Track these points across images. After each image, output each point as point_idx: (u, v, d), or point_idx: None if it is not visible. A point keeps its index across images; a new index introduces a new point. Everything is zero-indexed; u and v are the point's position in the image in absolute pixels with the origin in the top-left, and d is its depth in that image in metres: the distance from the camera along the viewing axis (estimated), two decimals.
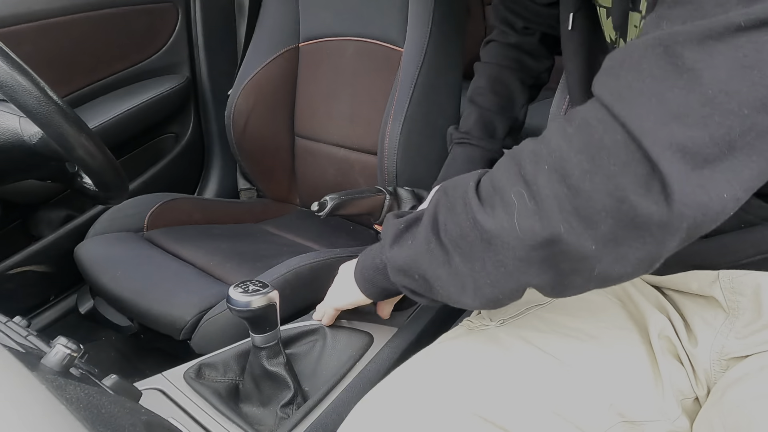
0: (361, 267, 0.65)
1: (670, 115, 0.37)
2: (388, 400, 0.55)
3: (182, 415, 0.65)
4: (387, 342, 0.76)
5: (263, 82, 1.26)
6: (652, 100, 0.37)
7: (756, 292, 0.55)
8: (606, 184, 0.39)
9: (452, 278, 0.49)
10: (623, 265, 0.41)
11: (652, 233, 0.39)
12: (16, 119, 0.78)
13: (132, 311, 0.97)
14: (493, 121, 0.87)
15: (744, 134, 0.36)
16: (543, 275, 0.45)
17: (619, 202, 0.38)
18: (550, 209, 0.41)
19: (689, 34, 0.36)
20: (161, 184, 1.37)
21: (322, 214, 0.90)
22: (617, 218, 0.39)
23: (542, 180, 0.41)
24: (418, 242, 0.52)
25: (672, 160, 0.37)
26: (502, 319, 0.63)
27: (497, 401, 0.53)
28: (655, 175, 0.37)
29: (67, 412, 0.28)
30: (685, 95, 0.36)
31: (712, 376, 0.58)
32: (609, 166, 0.38)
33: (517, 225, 0.43)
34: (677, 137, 0.36)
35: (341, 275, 0.72)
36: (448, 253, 0.49)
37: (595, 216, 0.39)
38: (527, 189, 0.42)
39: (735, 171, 0.37)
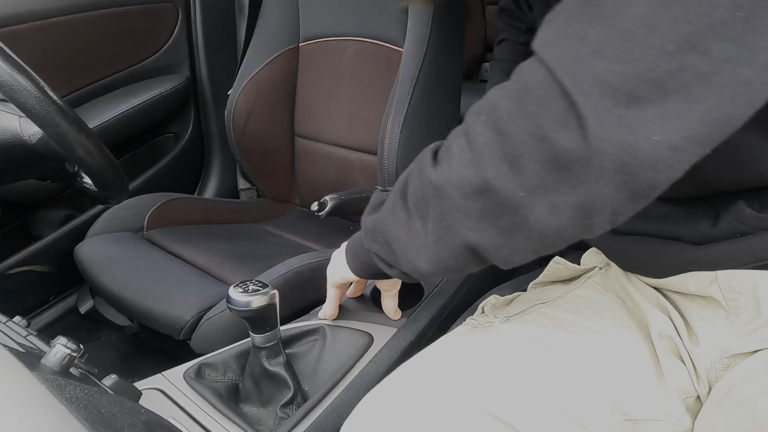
0: (351, 242, 0.67)
1: (590, 52, 0.36)
2: (394, 397, 0.55)
3: (182, 415, 0.65)
4: (387, 342, 0.76)
5: (263, 82, 1.26)
6: (574, 40, 0.37)
7: (754, 291, 0.55)
8: (527, 124, 0.39)
9: (410, 240, 0.50)
10: (557, 215, 0.40)
11: (576, 173, 0.38)
12: (16, 119, 0.78)
13: (132, 311, 0.97)
14: None
15: (674, 75, 0.35)
16: (484, 232, 0.44)
17: (540, 141, 0.38)
18: (482, 155, 0.41)
19: None
20: (161, 184, 1.37)
21: (322, 214, 0.90)
22: (539, 159, 0.39)
23: (478, 129, 0.42)
24: (386, 206, 0.53)
25: (589, 94, 0.36)
26: (507, 317, 0.63)
27: (503, 397, 0.53)
28: (572, 109, 0.36)
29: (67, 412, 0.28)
30: (605, 32, 0.36)
31: (713, 375, 0.58)
32: (530, 105, 0.38)
33: (454, 173, 0.43)
34: (596, 70, 0.36)
35: (338, 251, 0.72)
36: (411, 215, 0.50)
37: (519, 159, 0.39)
38: (466, 139, 0.43)
39: (669, 115, 0.35)
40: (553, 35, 0.39)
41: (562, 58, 0.37)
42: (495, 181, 0.41)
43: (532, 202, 0.40)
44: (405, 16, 1.09)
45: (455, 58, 1.11)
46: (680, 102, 0.35)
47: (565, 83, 0.36)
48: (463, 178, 0.43)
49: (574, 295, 0.66)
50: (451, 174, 0.44)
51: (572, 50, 0.37)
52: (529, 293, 0.70)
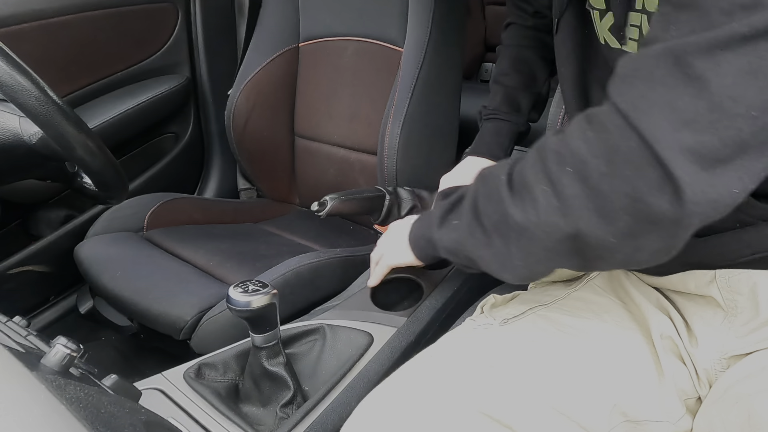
0: (414, 237, 0.70)
1: (681, 122, 0.39)
2: (394, 398, 0.55)
3: (182, 415, 0.65)
4: (387, 342, 0.76)
5: (263, 82, 1.26)
6: (664, 109, 0.40)
7: (753, 291, 0.55)
8: (622, 186, 0.42)
9: (494, 258, 0.54)
10: (641, 253, 0.46)
11: (666, 228, 0.42)
12: (16, 119, 0.78)
13: (132, 311, 0.97)
14: (517, 97, 0.92)
15: (756, 134, 0.39)
16: (570, 261, 0.50)
17: (635, 201, 0.42)
18: (573, 207, 0.45)
19: (697, 45, 0.39)
20: (161, 184, 1.37)
21: (322, 214, 0.90)
22: (633, 216, 0.43)
23: (565, 180, 0.45)
24: (462, 227, 0.57)
25: (683, 165, 0.39)
26: (506, 319, 0.63)
27: (502, 399, 0.53)
28: (668, 178, 0.40)
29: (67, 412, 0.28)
30: (694, 102, 0.39)
31: (713, 376, 0.58)
32: (624, 169, 0.42)
33: (543, 221, 0.47)
34: (688, 142, 0.39)
35: (395, 235, 0.76)
36: (490, 236, 0.54)
37: (612, 214, 0.43)
38: (552, 187, 0.46)
39: (747, 167, 0.40)
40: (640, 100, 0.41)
41: (656, 129, 0.40)
42: (587, 230, 0.45)
43: (621, 245, 0.45)
44: (405, 16, 1.09)
45: (455, 58, 1.11)
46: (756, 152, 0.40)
47: (661, 155, 0.40)
48: (553, 225, 0.47)
49: (574, 297, 0.66)
50: (539, 220, 0.47)
51: (664, 120, 0.40)
52: (529, 293, 0.70)
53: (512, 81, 0.92)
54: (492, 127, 0.92)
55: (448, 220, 0.60)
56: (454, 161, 1.16)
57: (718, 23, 0.38)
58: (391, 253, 0.76)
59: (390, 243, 0.78)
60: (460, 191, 0.61)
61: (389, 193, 0.95)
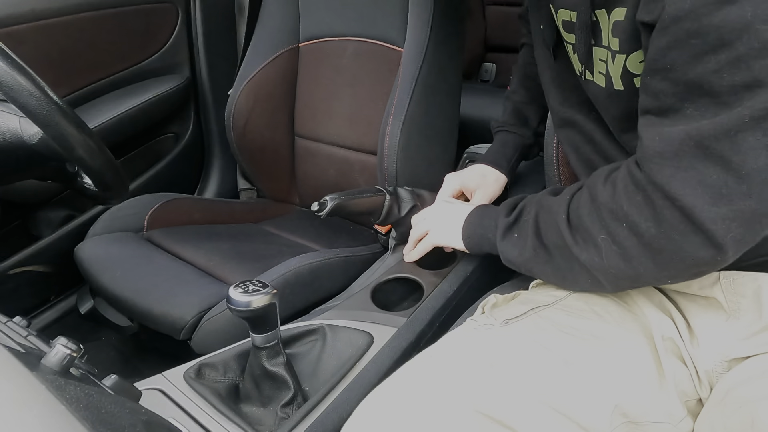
0: (470, 233, 0.77)
1: (715, 197, 0.46)
2: (394, 398, 0.55)
3: (182, 415, 0.65)
4: (387, 342, 0.76)
5: (263, 82, 1.26)
6: (697, 188, 0.46)
7: (756, 294, 0.55)
8: (671, 245, 0.50)
9: (554, 272, 0.63)
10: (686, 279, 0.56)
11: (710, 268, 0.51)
12: (16, 119, 0.78)
13: (132, 311, 0.97)
14: (524, 111, 0.98)
15: None
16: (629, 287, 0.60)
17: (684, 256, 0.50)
18: (632, 255, 0.53)
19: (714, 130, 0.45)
20: (161, 184, 1.37)
21: (322, 214, 0.90)
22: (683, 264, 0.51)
23: (622, 234, 0.53)
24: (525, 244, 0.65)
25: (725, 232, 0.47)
26: (507, 319, 0.63)
27: (502, 400, 0.53)
28: (711, 241, 0.47)
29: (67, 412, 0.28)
30: (722, 178, 0.45)
31: (714, 377, 0.58)
32: (672, 234, 0.49)
33: (606, 263, 0.55)
34: (725, 213, 0.46)
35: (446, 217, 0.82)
36: (551, 254, 0.62)
37: (666, 263, 0.51)
38: (611, 237, 0.54)
39: None
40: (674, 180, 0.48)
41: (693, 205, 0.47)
42: (645, 273, 0.54)
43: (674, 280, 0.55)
44: (405, 16, 1.09)
45: (455, 58, 1.11)
46: None
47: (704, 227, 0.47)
48: (615, 267, 0.55)
49: (575, 297, 0.66)
50: (603, 263, 0.56)
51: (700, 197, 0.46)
52: (530, 293, 0.70)
53: (520, 96, 0.98)
54: (500, 138, 0.98)
55: (510, 232, 0.68)
56: (454, 161, 1.17)
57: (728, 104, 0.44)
58: (441, 234, 0.82)
59: (440, 223, 0.83)
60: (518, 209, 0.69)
61: (389, 193, 0.95)
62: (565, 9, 0.62)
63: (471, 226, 0.78)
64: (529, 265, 0.66)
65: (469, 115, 1.27)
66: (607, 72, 0.60)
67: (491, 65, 2.15)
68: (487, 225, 0.74)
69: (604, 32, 0.57)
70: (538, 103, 0.97)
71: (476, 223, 0.77)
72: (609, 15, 0.56)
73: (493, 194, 0.95)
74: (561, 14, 0.63)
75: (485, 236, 0.74)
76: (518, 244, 0.67)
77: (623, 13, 0.54)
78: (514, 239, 0.68)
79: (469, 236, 0.78)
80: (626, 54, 0.56)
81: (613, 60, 0.58)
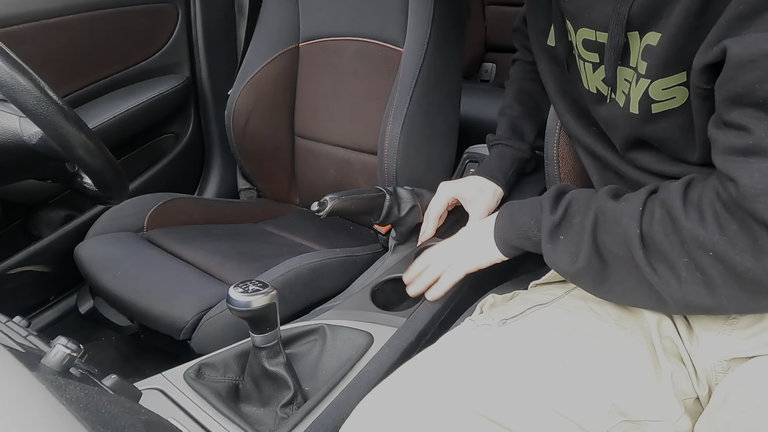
0: (505, 235, 0.71)
1: None
2: (391, 399, 0.55)
3: (182, 415, 0.65)
4: (387, 342, 0.76)
5: (263, 82, 1.26)
6: None
7: None
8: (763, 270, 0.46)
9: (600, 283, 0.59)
10: None
11: None
12: (16, 119, 0.78)
13: (132, 311, 0.97)
14: (520, 125, 0.96)
15: None
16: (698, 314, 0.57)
17: None
18: (716, 284, 0.50)
19: None
20: (161, 184, 1.37)
21: (322, 214, 0.90)
22: None
23: (707, 262, 0.50)
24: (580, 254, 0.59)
25: None
26: (504, 319, 0.63)
27: (500, 400, 0.53)
28: None
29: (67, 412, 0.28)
30: None
31: (713, 377, 0.58)
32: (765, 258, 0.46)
33: (683, 288, 0.52)
34: None
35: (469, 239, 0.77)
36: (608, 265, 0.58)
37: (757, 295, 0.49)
38: (694, 263, 0.51)
39: None
40: None
41: None
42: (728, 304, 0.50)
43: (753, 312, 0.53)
44: (405, 16, 1.09)
45: (455, 58, 1.11)
46: None
47: None
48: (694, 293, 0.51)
49: (573, 296, 0.66)
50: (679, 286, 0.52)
51: None
52: (528, 293, 0.70)
53: (515, 111, 0.97)
54: (496, 152, 0.97)
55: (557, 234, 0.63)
56: (454, 161, 1.17)
57: None
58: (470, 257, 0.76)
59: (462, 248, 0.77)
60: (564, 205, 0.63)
61: (389, 193, 0.96)
62: (589, 29, 0.61)
63: (505, 228, 0.71)
64: (580, 275, 0.60)
65: (469, 115, 1.27)
66: (629, 93, 0.59)
67: (491, 65, 2.16)
68: (525, 222, 0.67)
69: (633, 54, 0.57)
70: (533, 118, 0.96)
71: (510, 223, 0.70)
72: (641, 38, 0.55)
73: (489, 207, 0.93)
74: (582, 33, 0.62)
75: (526, 235, 0.67)
76: (569, 250, 0.61)
77: (657, 39, 0.53)
78: (561, 243, 0.62)
79: (504, 240, 0.71)
80: (651, 79, 0.55)
81: (636, 83, 0.57)
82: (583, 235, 0.59)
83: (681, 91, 0.55)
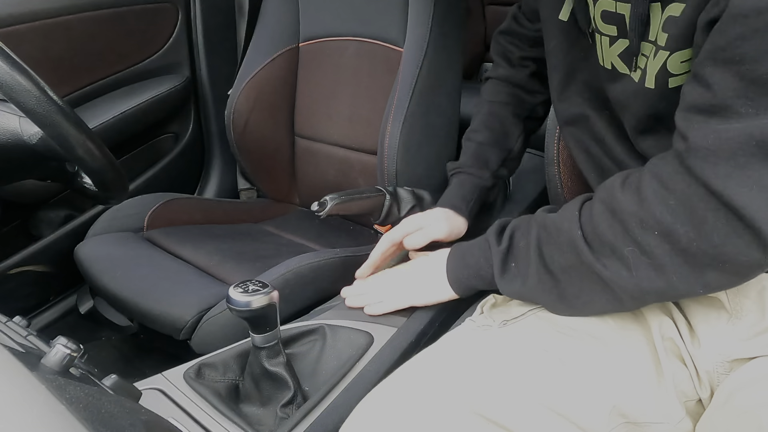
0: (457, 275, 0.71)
1: None
2: (391, 399, 0.55)
3: (182, 415, 0.65)
4: (387, 342, 0.76)
5: (263, 82, 1.26)
6: (753, 188, 0.44)
7: (761, 294, 0.55)
8: (712, 249, 0.47)
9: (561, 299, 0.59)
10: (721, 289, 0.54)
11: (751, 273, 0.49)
12: (16, 119, 0.78)
13: (132, 311, 0.97)
14: (485, 153, 0.91)
15: None
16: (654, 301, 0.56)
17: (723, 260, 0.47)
18: (663, 263, 0.50)
19: None
20: (161, 184, 1.37)
21: (322, 214, 0.90)
22: (722, 270, 0.48)
23: (653, 241, 0.50)
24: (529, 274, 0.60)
25: None
26: (505, 321, 0.63)
27: (500, 401, 0.53)
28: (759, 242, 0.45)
29: (67, 412, 0.28)
30: None
31: (715, 378, 0.58)
32: (713, 236, 0.47)
33: (635, 275, 0.52)
34: None
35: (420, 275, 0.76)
36: (558, 279, 0.59)
37: (702, 269, 0.49)
38: (639, 247, 0.51)
39: None
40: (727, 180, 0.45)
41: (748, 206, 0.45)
42: (678, 284, 0.51)
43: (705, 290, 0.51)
44: (405, 16, 1.09)
45: (455, 58, 1.11)
46: None
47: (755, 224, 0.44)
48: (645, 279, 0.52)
49: None
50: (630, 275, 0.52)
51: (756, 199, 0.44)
52: None
53: (483, 137, 0.92)
54: (457, 181, 0.92)
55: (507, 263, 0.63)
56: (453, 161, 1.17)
57: None
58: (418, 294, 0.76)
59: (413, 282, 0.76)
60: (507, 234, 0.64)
61: (389, 193, 0.95)
62: None
63: (457, 269, 0.71)
64: (534, 293, 0.62)
65: (469, 115, 1.27)
66: (645, 67, 0.57)
67: (491, 65, 2.15)
68: (476, 262, 0.68)
69: (653, 26, 0.55)
70: (500, 145, 0.92)
71: (462, 264, 0.70)
72: (663, 9, 0.53)
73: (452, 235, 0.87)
74: (602, 4, 0.59)
75: (478, 274, 0.68)
76: (520, 274, 0.62)
77: (680, 9, 0.51)
78: (513, 270, 0.63)
79: (457, 280, 0.71)
80: (670, 51, 0.53)
81: (654, 56, 0.55)
82: (529, 253, 0.60)
83: None
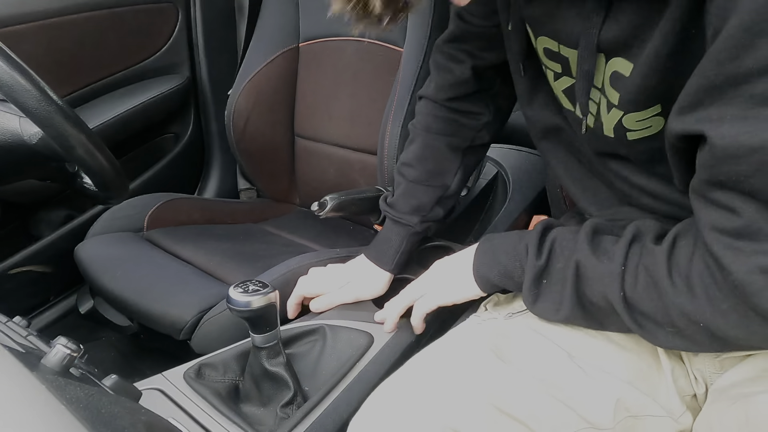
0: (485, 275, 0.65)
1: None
2: (402, 390, 0.55)
3: (182, 415, 0.65)
4: (387, 342, 0.76)
5: (263, 82, 1.26)
6: None
7: None
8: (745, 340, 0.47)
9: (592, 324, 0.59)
10: None
11: None
12: (16, 119, 0.78)
13: (132, 311, 0.97)
14: (418, 194, 0.84)
15: None
16: None
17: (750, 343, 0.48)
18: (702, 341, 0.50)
19: None
20: (161, 184, 1.37)
21: (322, 214, 0.90)
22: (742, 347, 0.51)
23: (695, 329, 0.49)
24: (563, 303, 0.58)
25: None
26: (511, 313, 0.63)
27: (509, 393, 0.54)
28: None
29: (67, 412, 0.28)
30: None
31: (708, 376, 0.59)
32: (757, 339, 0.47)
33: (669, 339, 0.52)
34: None
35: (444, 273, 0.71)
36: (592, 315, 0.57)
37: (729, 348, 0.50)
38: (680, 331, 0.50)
39: None
40: None
41: None
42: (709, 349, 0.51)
43: None
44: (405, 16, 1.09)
45: None
46: None
47: None
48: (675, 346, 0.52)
49: None
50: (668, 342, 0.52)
51: None
52: None
53: (415, 174, 0.83)
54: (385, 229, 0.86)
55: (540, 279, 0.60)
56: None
57: None
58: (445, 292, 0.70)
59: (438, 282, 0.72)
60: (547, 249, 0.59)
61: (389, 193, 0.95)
62: (551, 39, 0.57)
63: (485, 265, 0.65)
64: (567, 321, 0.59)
65: None
66: (598, 115, 0.56)
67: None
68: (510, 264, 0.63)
69: (598, 75, 0.54)
70: (434, 183, 0.83)
71: (493, 262, 0.64)
72: (607, 62, 0.52)
73: (376, 293, 0.84)
74: (543, 41, 0.58)
75: (509, 275, 0.63)
76: (552, 299, 0.58)
77: (628, 69, 0.50)
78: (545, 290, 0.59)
79: (484, 277, 0.65)
80: (625, 112, 0.53)
81: (608, 110, 0.54)
82: (566, 285, 0.57)
83: (657, 120, 0.52)
